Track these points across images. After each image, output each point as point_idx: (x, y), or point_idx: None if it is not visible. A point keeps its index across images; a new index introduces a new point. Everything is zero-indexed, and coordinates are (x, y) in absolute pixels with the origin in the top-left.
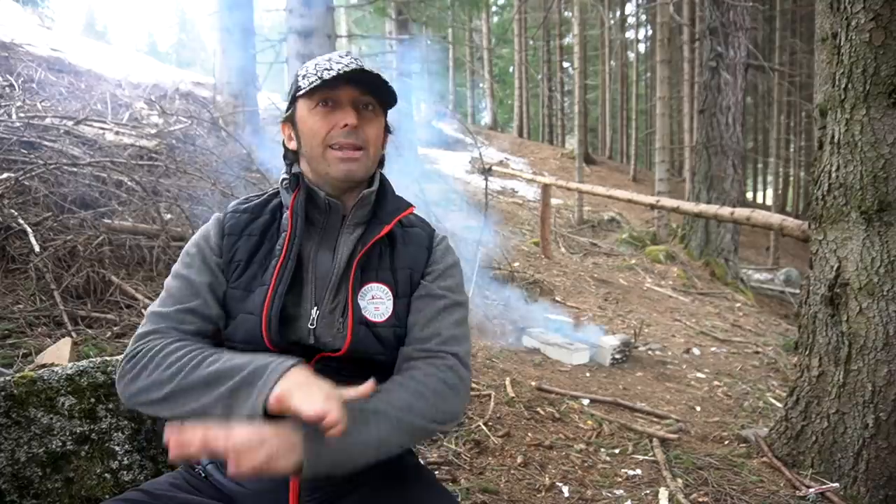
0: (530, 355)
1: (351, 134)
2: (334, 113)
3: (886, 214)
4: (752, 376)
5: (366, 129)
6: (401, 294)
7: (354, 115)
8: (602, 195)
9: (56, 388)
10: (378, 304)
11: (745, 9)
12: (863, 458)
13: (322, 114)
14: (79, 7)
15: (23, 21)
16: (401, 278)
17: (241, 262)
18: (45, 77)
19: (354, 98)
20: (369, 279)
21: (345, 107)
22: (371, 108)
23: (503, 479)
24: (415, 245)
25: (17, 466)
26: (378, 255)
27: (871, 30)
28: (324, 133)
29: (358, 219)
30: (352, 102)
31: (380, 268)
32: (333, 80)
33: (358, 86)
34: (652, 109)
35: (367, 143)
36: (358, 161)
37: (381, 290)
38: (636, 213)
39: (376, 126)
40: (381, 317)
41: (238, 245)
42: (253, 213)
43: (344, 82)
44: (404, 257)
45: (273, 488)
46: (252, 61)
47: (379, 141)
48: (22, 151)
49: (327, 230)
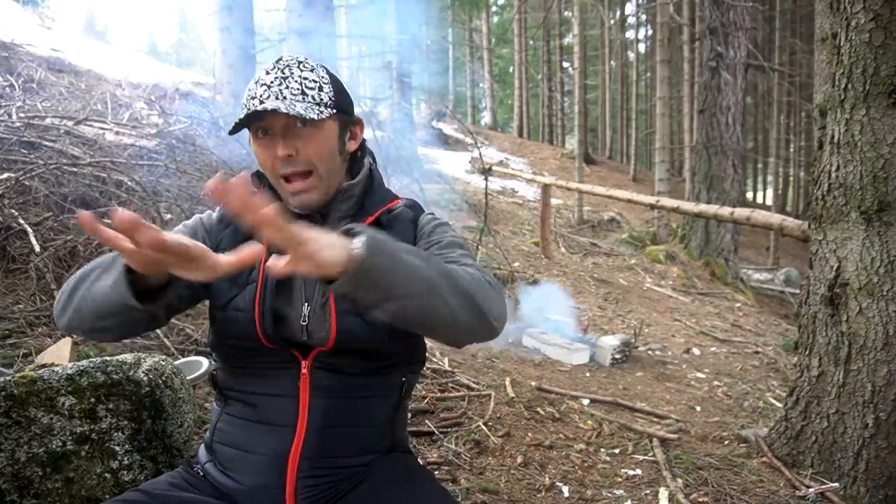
0: (530, 355)
1: (288, 164)
2: (272, 141)
3: (886, 214)
4: (752, 376)
5: (303, 151)
6: None
7: (283, 146)
8: (602, 195)
9: (56, 388)
10: None
11: (745, 9)
12: (863, 457)
13: (262, 144)
14: (79, 7)
15: (23, 21)
16: None
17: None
18: (46, 77)
19: (284, 122)
20: None
21: (276, 136)
22: (306, 124)
23: (503, 479)
24: (401, 225)
25: (18, 466)
26: None
27: (870, 30)
28: (268, 166)
29: (342, 213)
30: (282, 128)
31: None
32: (248, 119)
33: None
34: (652, 109)
35: (311, 163)
36: (310, 191)
37: None
38: (636, 213)
39: (319, 140)
40: None
41: (225, 233)
42: None
43: (267, 112)
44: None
45: (271, 485)
46: (252, 61)
47: (329, 153)
48: (22, 151)
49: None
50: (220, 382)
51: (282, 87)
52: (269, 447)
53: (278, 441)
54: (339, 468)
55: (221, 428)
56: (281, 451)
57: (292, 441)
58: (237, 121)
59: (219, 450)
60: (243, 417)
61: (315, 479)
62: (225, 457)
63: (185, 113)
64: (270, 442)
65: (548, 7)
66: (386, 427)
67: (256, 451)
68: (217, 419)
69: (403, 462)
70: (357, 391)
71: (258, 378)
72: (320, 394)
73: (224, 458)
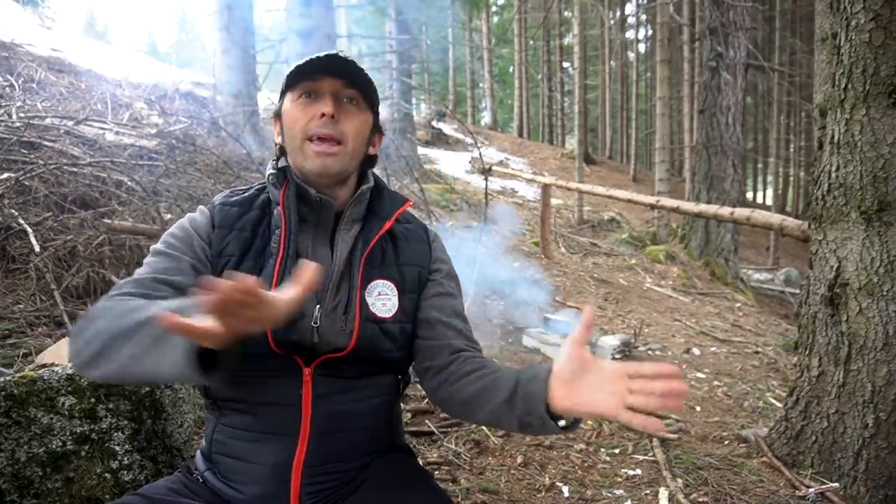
0: (530, 355)
1: (328, 124)
2: (315, 104)
3: (886, 214)
4: (752, 376)
5: (345, 121)
6: (407, 290)
7: (332, 105)
8: (602, 195)
9: (56, 387)
10: (385, 301)
11: (745, 9)
12: (862, 457)
13: (303, 105)
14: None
15: (23, 21)
16: (408, 275)
17: (233, 256)
18: (46, 77)
19: (336, 90)
20: (374, 276)
21: (325, 97)
22: (354, 102)
23: (503, 479)
24: (415, 241)
25: (18, 466)
26: (381, 252)
27: (870, 30)
28: (303, 123)
29: (355, 215)
30: (333, 94)
31: (384, 264)
32: (311, 69)
33: (339, 77)
34: (652, 109)
35: (344, 136)
36: (334, 156)
37: (386, 286)
38: (636, 213)
39: (358, 120)
40: (388, 312)
41: (229, 239)
42: (242, 208)
43: (325, 73)
44: (410, 254)
45: (274, 494)
46: (252, 61)
47: (361, 136)
48: (22, 151)
49: (320, 226)
50: (213, 393)
51: (345, 64)
52: (271, 457)
53: (280, 451)
54: (341, 472)
55: (219, 439)
56: (283, 460)
57: (295, 450)
58: (293, 71)
59: (218, 460)
60: (242, 428)
61: (317, 485)
62: (225, 467)
63: (184, 113)
64: (272, 452)
65: (548, 7)
66: (385, 427)
67: (258, 461)
68: (213, 429)
69: (402, 462)
70: (356, 394)
71: (257, 386)
72: (322, 401)
73: (224, 468)
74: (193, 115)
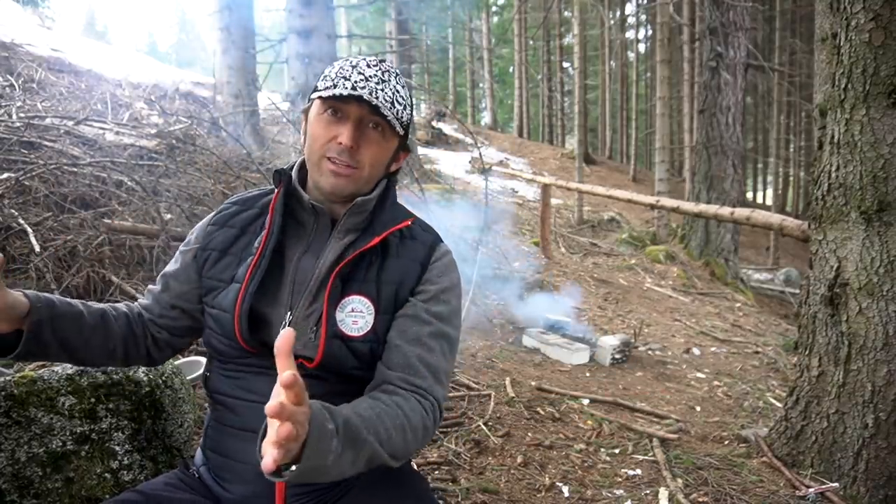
0: (530, 355)
1: (344, 153)
2: (338, 125)
3: (886, 214)
4: (752, 376)
5: (364, 149)
6: (383, 311)
7: (351, 136)
8: (602, 195)
9: (56, 387)
10: (357, 318)
11: (745, 9)
12: (862, 457)
13: (326, 122)
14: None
15: (23, 21)
16: (385, 293)
17: (214, 251)
18: (46, 77)
19: (361, 115)
20: (351, 290)
21: (347, 122)
22: (379, 127)
23: (503, 479)
24: (408, 259)
25: (18, 466)
26: (366, 267)
27: (870, 30)
28: (322, 142)
29: (350, 225)
30: (357, 120)
31: (365, 279)
32: (341, 97)
33: (368, 105)
34: (652, 109)
35: (361, 164)
36: (348, 178)
37: (362, 303)
38: (636, 213)
39: (378, 149)
40: (359, 331)
41: (217, 234)
42: (243, 206)
43: (354, 99)
44: (393, 271)
45: (260, 494)
46: (252, 61)
47: (379, 164)
48: (22, 151)
49: (317, 234)
50: (209, 386)
51: (378, 88)
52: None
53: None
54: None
55: (211, 434)
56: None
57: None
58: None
59: (210, 456)
60: (228, 424)
61: (304, 486)
62: (216, 463)
63: (184, 113)
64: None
65: (548, 7)
66: None
67: (245, 460)
68: (207, 423)
69: (396, 467)
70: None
71: (241, 382)
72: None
73: (215, 464)
74: (193, 115)
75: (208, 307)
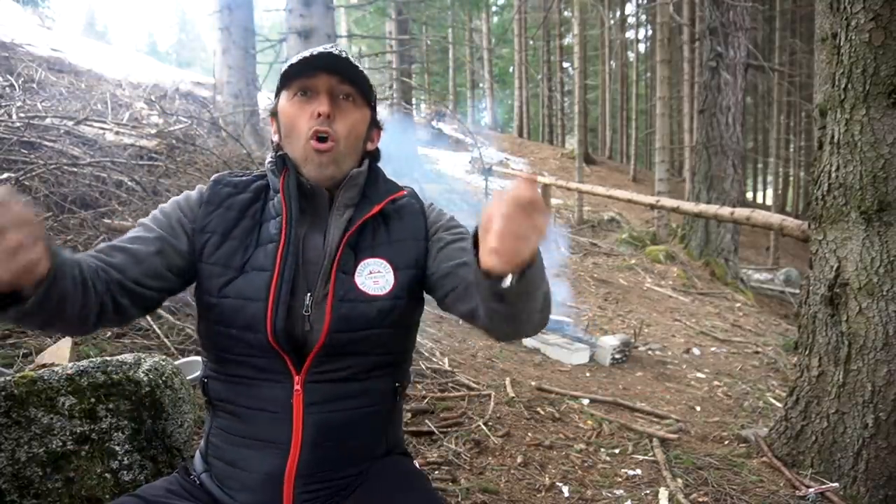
0: (530, 355)
1: (324, 122)
2: (311, 102)
3: (886, 214)
4: (752, 376)
5: (339, 120)
6: (402, 266)
7: (327, 103)
8: (602, 195)
9: (56, 388)
10: (377, 278)
11: (745, 9)
12: (862, 457)
13: (299, 104)
14: (79, 7)
15: (23, 21)
16: (403, 250)
17: (214, 234)
18: (45, 77)
19: (331, 87)
20: (365, 256)
21: (320, 95)
22: (350, 98)
23: (503, 479)
24: (409, 216)
25: (18, 466)
26: (372, 233)
27: (871, 30)
28: (303, 122)
29: (347, 201)
30: (328, 91)
31: (375, 244)
32: (306, 66)
33: (335, 74)
34: (652, 109)
35: (337, 134)
36: (329, 153)
37: (379, 264)
38: (636, 213)
39: (354, 118)
40: (381, 290)
41: (213, 215)
42: (236, 189)
43: (320, 70)
44: (404, 230)
45: (265, 502)
46: (252, 61)
47: (355, 134)
48: (22, 151)
49: (316, 214)
50: (209, 391)
51: (338, 57)
52: (263, 466)
53: (272, 460)
54: (336, 479)
55: (214, 442)
56: (275, 470)
57: (286, 460)
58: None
59: (213, 463)
60: (234, 433)
61: (311, 493)
62: (219, 471)
63: (184, 113)
64: (263, 461)
65: (548, 7)
66: (381, 433)
67: (250, 468)
68: (209, 430)
69: (399, 466)
70: (350, 401)
71: (248, 388)
72: (313, 409)
73: (218, 471)
74: (193, 115)
75: (214, 296)
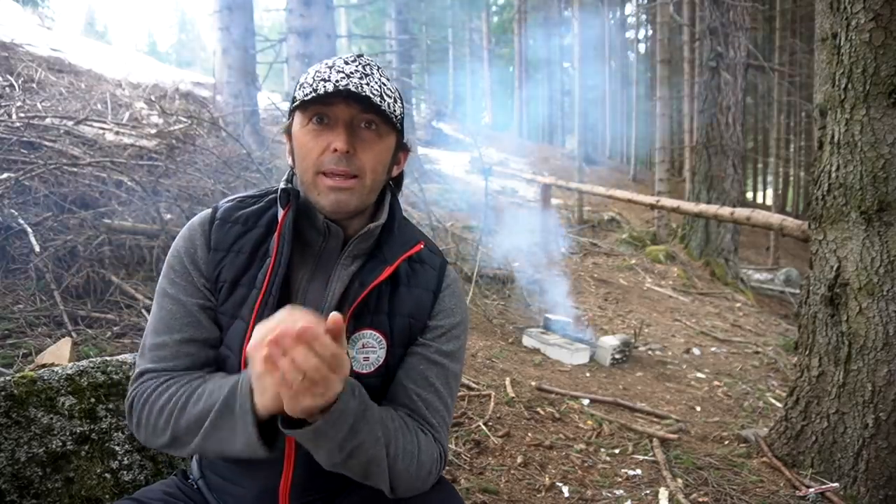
0: (530, 355)
1: (342, 160)
2: (327, 132)
3: (886, 214)
4: (752, 376)
5: (361, 153)
6: (396, 343)
7: (345, 140)
8: (602, 195)
9: (56, 388)
10: (369, 354)
11: (745, 9)
12: (863, 457)
13: (314, 133)
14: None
15: (23, 21)
16: (398, 326)
17: (227, 282)
18: (45, 77)
19: (352, 116)
20: (363, 325)
21: (338, 127)
22: (374, 126)
23: (503, 479)
24: (420, 288)
25: (18, 466)
26: (376, 298)
27: (871, 30)
28: (314, 156)
29: (358, 251)
30: (348, 121)
31: (376, 312)
32: (325, 96)
33: (356, 102)
34: (652, 109)
35: (362, 170)
36: (350, 191)
37: (374, 337)
38: (636, 213)
39: (377, 149)
40: (370, 367)
41: (224, 262)
42: (245, 225)
43: (339, 97)
44: (406, 303)
45: None
46: (252, 61)
47: (381, 166)
48: (22, 151)
49: (324, 256)
50: None
51: (363, 82)
52: (257, 482)
53: (265, 476)
54: (331, 489)
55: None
56: (269, 486)
57: (280, 476)
58: (302, 97)
59: (208, 475)
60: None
61: (307, 502)
62: (214, 483)
63: (184, 113)
64: (257, 477)
65: (548, 7)
66: None
67: (244, 485)
68: None
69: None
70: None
71: None
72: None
73: (213, 484)
74: (193, 115)
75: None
